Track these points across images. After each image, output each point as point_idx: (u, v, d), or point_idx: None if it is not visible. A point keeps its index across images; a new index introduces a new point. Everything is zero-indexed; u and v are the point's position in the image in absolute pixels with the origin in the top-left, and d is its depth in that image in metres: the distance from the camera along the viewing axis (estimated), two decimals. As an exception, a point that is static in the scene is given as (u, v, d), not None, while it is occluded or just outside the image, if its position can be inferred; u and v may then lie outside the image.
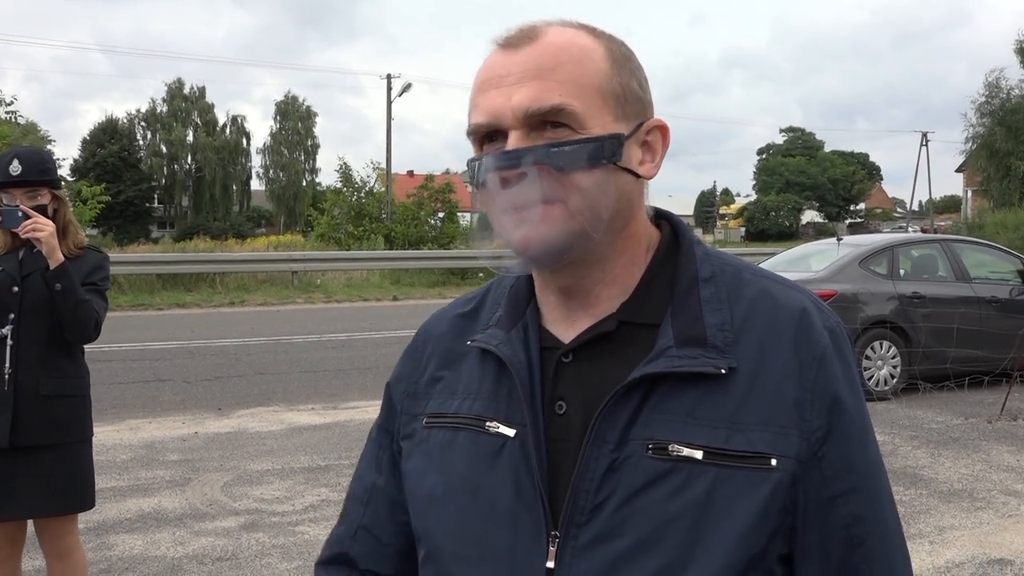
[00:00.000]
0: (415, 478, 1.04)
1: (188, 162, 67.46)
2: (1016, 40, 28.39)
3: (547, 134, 0.91)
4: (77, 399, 3.07)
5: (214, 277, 19.53)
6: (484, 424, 0.99)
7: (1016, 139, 26.68)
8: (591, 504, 0.90)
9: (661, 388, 0.92)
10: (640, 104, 0.97)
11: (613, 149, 0.92)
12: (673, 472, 0.88)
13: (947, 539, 4.58)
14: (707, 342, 0.92)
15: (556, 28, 0.96)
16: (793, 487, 0.89)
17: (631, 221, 0.97)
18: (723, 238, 62.29)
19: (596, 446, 0.91)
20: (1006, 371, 8.08)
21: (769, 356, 0.92)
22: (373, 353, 10.79)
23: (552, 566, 0.91)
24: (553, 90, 0.91)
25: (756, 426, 0.89)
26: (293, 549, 4.44)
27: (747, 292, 0.97)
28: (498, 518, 0.95)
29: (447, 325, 1.10)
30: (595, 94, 0.93)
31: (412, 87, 32.34)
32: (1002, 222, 22.05)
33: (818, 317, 0.95)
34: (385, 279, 21.51)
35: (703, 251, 1.00)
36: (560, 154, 0.90)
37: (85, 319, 2.97)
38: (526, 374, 0.97)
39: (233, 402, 8.05)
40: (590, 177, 0.91)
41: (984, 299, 8.75)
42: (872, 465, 0.94)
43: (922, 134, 51.36)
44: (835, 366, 0.93)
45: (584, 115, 0.91)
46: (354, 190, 27.07)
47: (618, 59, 0.96)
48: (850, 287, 8.29)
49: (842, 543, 0.91)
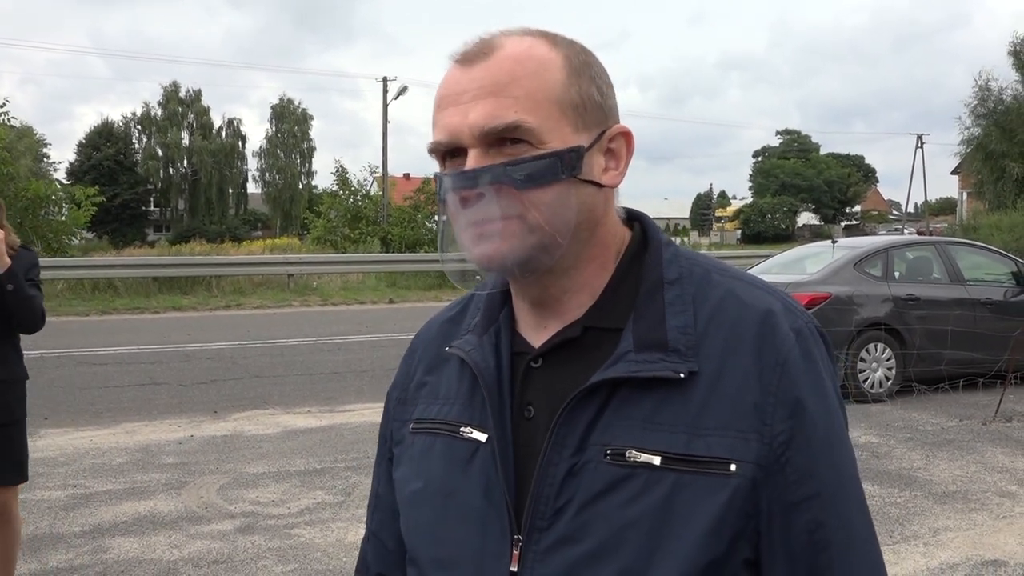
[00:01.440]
0: (401, 484, 1.06)
1: (184, 165, 67.46)
2: (1010, 42, 28.46)
3: (506, 150, 0.90)
4: (20, 384, 3.50)
5: (210, 280, 19.51)
6: (459, 429, 1.00)
7: (1010, 141, 26.71)
8: (552, 509, 0.91)
9: (621, 393, 0.91)
10: (601, 112, 0.95)
11: (572, 163, 0.91)
12: (631, 478, 0.88)
13: (941, 541, 4.59)
14: (668, 346, 0.91)
15: (513, 39, 0.94)
16: (754, 492, 0.88)
17: (597, 229, 0.97)
18: (719, 240, 62.34)
19: (556, 451, 0.92)
20: (1000, 373, 8.09)
21: (731, 359, 0.91)
22: (369, 356, 10.78)
23: (515, 569, 0.92)
24: (509, 107, 0.90)
25: (716, 431, 0.88)
26: (289, 552, 4.44)
27: (714, 293, 0.95)
28: (470, 522, 0.96)
29: (435, 331, 1.11)
30: (552, 107, 0.91)
31: (408, 90, 32.36)
32: (996, 224, 22.11)
33: (784, 318, 0.93)
34: (381, 282, 21.50)
35: (672, 252, 0.99)
36: (517, 171, 0.89)
37: (34, 311, 3.39)
38: (493, 379, 0.97)
39: (229, 405, 8.04)
40: (550, 192, 0.90)
41: (979, 301, 8.77)
42: (837, 470, 0.91)
43: (917, 136, 51.53)
44: (798, 369, 0.91)
45: (541, 130, 0.90)
46: (350, 193, 27.08)
47: (576, 67, 0.94)
48: (845, 289, 8.31)
49: (806, 549, 0.89)
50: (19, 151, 24.72)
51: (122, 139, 63.01)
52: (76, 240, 24.78)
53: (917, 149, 51.03)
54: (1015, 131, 26.63)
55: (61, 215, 21.55)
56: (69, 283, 17.96)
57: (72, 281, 18.04)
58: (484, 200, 0.90)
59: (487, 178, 0.90)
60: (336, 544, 4.54)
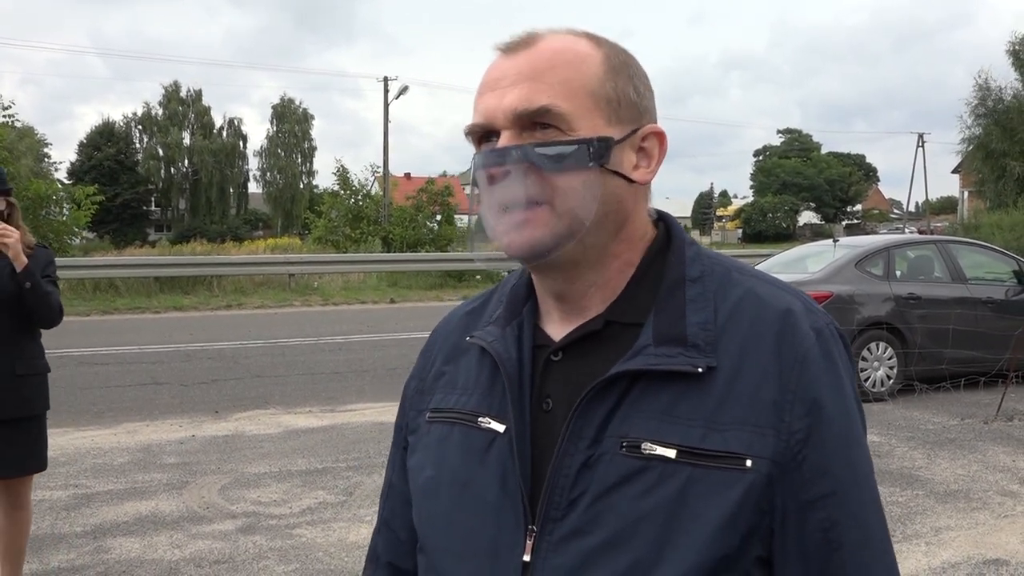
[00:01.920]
0: (415, 472, 1.06)
1: (185, 165, 67.44)
2: (1009, 42, 28.45)
3: (537, 135, 0.93)
4: (41, 377, 3.61)
5: (211, 280, 19.52)
6: (477, 419, 1.01)
7: (1011, 140, 26.72)
8: (566, 500, 0.92)
9: (639, 386, 0.92)
10: (636, 110, 0.97)
11: (601, 152, 0.93)
12: (646, 470, 0.89)
13: (943, 540, 4.59)
14: (687, 341, 0.92)
15: (556, 35, 0.97)
16: (769, 488, 0.88)
17: (625, 225, 0.98)
18: (720, 239, 62.35)
19: (572, 442, 0.92)
20: (1002, 372, 8.09)
21: (750, 356, 0.91)
22: (370, 356, 10.78)
23: (528, 559, 0.93)
24: (543, 91, 0.92)
25: (733, 426, 0.89)
26: (290, 552, 4.44)
27: (734, 292, 0.96)
28: (484, 512, 0.97)
29: (455, 323, 1.13)
30: (586, 97, 0.94)
31: (409, 90, 32.36)
32: (997, 223, 22.11)
33: (804, 318, 0.94)
34: (382, 282, 21.51)
35: (695, 251, 1.00)
36: (544, 153, 0.91)
37: (51, 306, 3.50)
38: (515, 371, 0.99)
39: (230, 405, 8.04)
40: (576, 178, 0.92)
41: (980, 300, 8.76)
42: (854, 470, 0.92)
43: (918, 135, 51.52)
44: (817, 368, 0.91)
45: (572, 117, 0.92)
46: (351, 193, 27.08)
47: (615, 65, 0.97)
48: (846, 288, 8.31)
49: (819, 548, 0.89)
50: (20, 151, 24.75)
51: (123, 139, 63.00)
52: (77, 240, 24.81)
53: (918, 148, 51.04)
54: (1016, 130, 26.63)
55: (62, 215, 21.56)
56: (70, 283, 17.95)
57: (73, 281, 18.04)
58: (511, 178, 0.92)
59: (514, 156, 0.92)
60: (337, 544, 4.54)
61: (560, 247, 0.93)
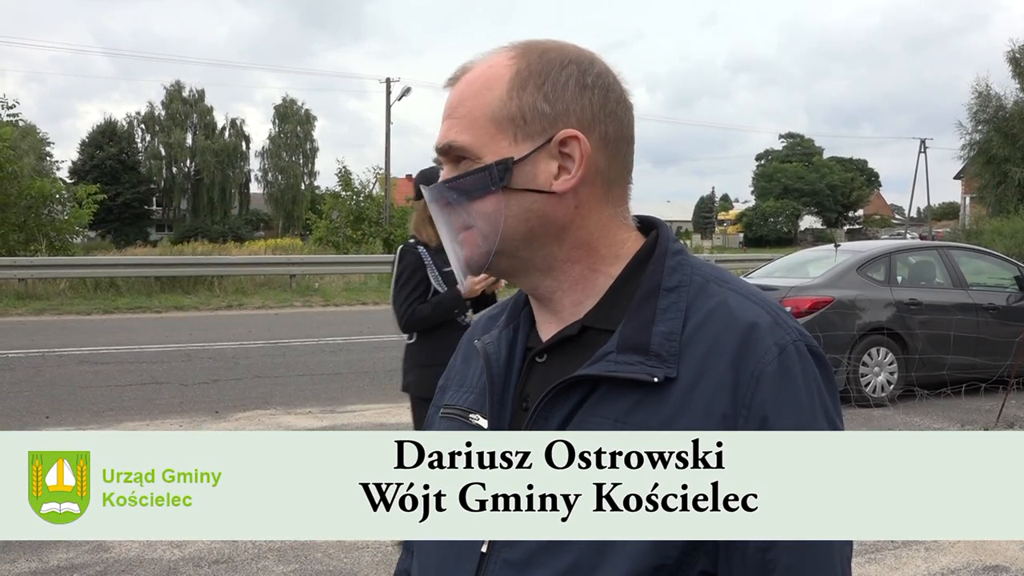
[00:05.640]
0: None
1: (187, 165, 67.51)
2: (1008, 49, 28.40)
3: (461, 166, 0.99)
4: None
5: (212, 280, 19.51)
6: (468, 416, 1.07)
7: (1012, 146, 26.69)
8: None
9: (600, 391, 0.94)
10: (546, 120, 0.97)
11: (500, 175, 0.97)
12: None
13: (943, 546, 4.59)
14: (650, 350, 0.93)
15: (481, 63, 1.02)
16: None
17: (566, 233, 1.00)
18: (721, 244, 62.35)
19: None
20: (1003, 378, 8.08)
21: (709, 368, 0.92)
22: (371, 357, 10.78)
23: (485, 551, 0.97)
24: (452, 128, 1.00)
25: None
26: (289, 552, 4.44)
27: (707, 303, 0.96)
28: None
29: (479, 326, 1.19)
30: (487, 123, 0.98)
31: (411, 91, 32.38)
32: (999, 229, 22.06)
33: (770, 332, 0.93)
34: (383, 283, 21.48)
35: (677, 261, 1.01)
36: (454, 187, 0.99)
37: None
38: (500, 370, 1.04)
39: (230, 405, 8.04)
40: (487, 203, 0.98)
41: (981, 306, 8.76)
42: None
43: (920, 141, 51.58)
44: (773, 385, 0.90)
45: (475, 147, 0.98)
46: (353, 194, 27.10)
47: (524, 79, 0.98)
48: (848, 293, 8.31)
49: (756, 569, 0.88)
50: (23, 149, 24.73)
51: (125, 138, 63.10)
52: (78, 239, 24.82)
53: (920, 154, 51.07)
54: (1017, 136, 26.61)
55: (64, 214, 21.58)
56: (71, 282, 17.97)
57: (74, 280, 18.06)
58: (441, 212, 1.01)
59: (433, 195, 1.02)
60: (337, 545, 4.54)
61: (495, 264, 1.00)
